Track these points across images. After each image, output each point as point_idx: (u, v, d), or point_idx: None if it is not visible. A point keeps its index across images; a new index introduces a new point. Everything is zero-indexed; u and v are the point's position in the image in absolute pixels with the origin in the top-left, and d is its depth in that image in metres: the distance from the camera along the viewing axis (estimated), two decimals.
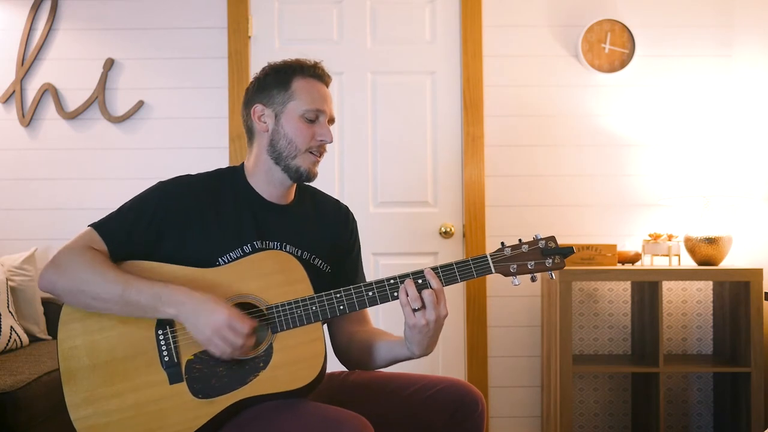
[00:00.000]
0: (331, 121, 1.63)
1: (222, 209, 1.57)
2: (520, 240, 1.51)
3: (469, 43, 2.93)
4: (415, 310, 1.43)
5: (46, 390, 2.13)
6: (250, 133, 1.64)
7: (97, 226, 1.52)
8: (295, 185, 1.66)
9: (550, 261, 1.49)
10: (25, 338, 2.56)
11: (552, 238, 1.51)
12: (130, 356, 1.45)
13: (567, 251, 1.49)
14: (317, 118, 1.58)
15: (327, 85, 1.63)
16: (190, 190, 1.57)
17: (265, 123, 1.59)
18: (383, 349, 1.59)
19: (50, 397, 2.14)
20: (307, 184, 1.71)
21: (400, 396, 1.58)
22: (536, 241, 1.50)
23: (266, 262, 1.50)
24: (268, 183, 1.61)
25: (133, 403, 1.43)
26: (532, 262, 1.49)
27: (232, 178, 1.63)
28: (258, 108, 1.60)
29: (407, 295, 1.44)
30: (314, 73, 1.61)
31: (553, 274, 1.52)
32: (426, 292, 1.43)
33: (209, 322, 1.39)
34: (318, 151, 1.59)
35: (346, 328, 1.69)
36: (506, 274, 1.49)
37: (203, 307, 1.40)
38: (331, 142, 1.59)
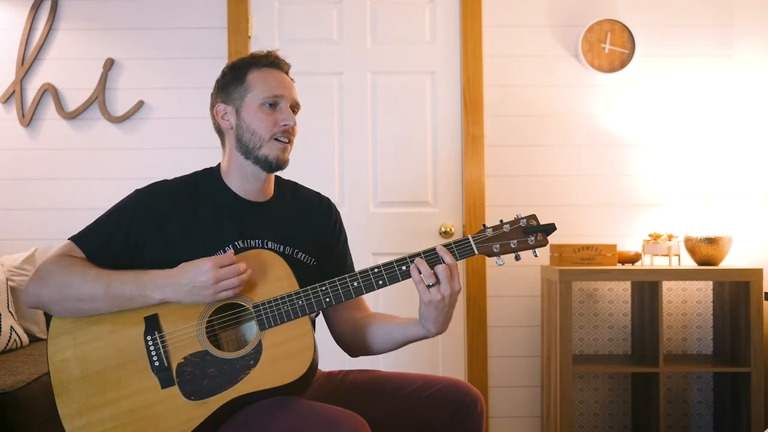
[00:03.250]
0: (295, 106, 1.62)
1: (201, 213, 1.57)
2: (501, 220, 1.51)
3: (469, 43, 2.93)
4: (429, 287, 1.45)
5: (46, 390, 2.12)
6: (220, 134, 1.65)
7: (76, 238, 1.53)
8: (272, 180, 1.66)
9: (533, 239, 1.49)
10: (25, 338, 2.56)
11: (533, 216, 1.51)
12: (121, 364, 1.45)
13: (549, 228, 1.49)
14: (277, 104, 1.58)
15: (285, 71, 1.63)
16: (167, 196, 1.57)
17: (228, 121, 1.60)
18: (396, 331, 1.59)
19: (50, 397, 2.11)
20: (287, 179, 1.73)
21: (398, 396, 1.58)
22: (518, 220, 1.50)
23: (250, 262, 1.50)
24: (243, 180, 1.61)
25: (127, 410, 1.43)
26: (515, 241, 1.49)
27: (208, 180, 1.64)
28: (220, 108, 1.62)
29: (420, 273, 1.45)
30: (268, 62, 1.61)
31: (536, 252, 1.51)
32: (440, 267, 1.45)
33: (204, 281, 1.41)
34: (285, 137, 1.59)
35: (346, 315, 1.68)
36: (489, 254, 1.49)
37: (187, 276, 1.42)
38: (293, 125, 1.59)
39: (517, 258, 1.50)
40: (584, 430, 2.90)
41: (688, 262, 2.78)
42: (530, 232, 1.49)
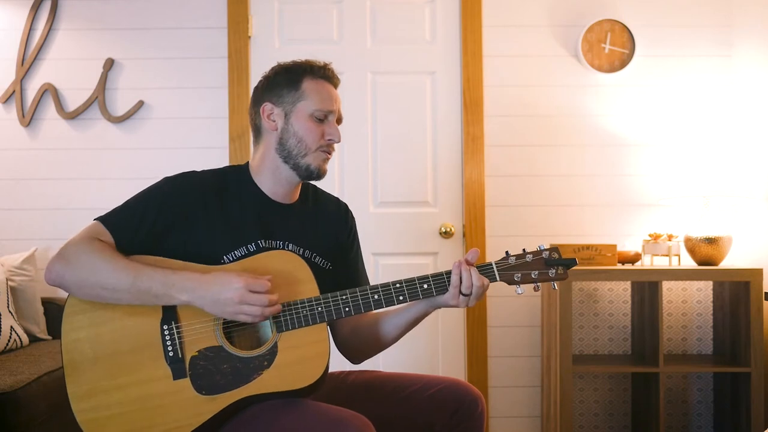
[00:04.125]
0: (339, 120, 1.65)
1: (227, 207, 1.57)
2: (524, 249, 1.54)
3: (469, 43, 2.93)
4: (461, 293, 1.49)
5: (46, 390, 2.13)
6: (258, 131, 1.64)
7: (103, 219, 1.53)
8: (300, 184, 1.67)
9: (554, 272, 1.53)
10: (25, 338, 2.56)
11: (555, 249, 1.54)
12: (135, 350, 1.45)
13: (570, 263, 1.53)
14: (326, 117, 1.60)
15: (336, 86, 1.66)
16: (196, 186, 1.57)
17: (274, 121, 1.60)
18: (402, 318, 1.60)
19: (50, 397, 2.14)
20: (308, 182, 1.72)
21: (399, 396, 1.58)
22: (540, 251, 1.53)
23: (272, 262, 1.50)
24: (275, 182, 1.62)
25: (136, 397, 1.43)
26: (536, 272, 1.52)
27: (237, 176, 1.64)
28: (267, 106, 1.61)
29: (461, 282, 1.48)
30: (324, 74, 1.63)
31: (555, 285, 1.55)
32: (476, 286, 1.49)
33: (229, 298, 1.40)
34: (327, 149, 1.61)
35: (352, 321, 1.68)
36: (510, 282, 1.53)
37: (216, 287, 1.42)
38: (339, 141, 1.61)
39: (537, 289, 1.54)
40: (584, 430, 2.90)
41: (688, 262, 2.78)
42: (552, 264, 1.53)
